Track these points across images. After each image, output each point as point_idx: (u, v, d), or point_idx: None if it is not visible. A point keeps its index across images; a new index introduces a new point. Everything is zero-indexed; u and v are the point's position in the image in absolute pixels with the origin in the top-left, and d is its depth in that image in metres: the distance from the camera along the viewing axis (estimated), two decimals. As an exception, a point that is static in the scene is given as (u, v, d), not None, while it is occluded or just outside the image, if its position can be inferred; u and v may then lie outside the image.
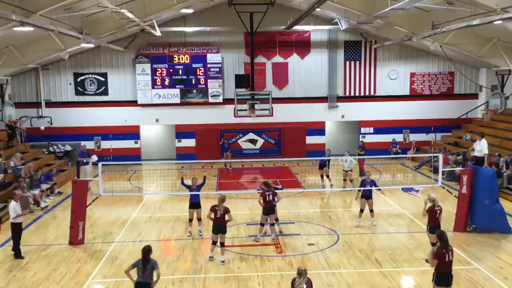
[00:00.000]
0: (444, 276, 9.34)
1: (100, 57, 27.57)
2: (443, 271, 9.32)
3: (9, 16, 13.38)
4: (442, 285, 9.37)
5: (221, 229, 12.63)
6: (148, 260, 9.36)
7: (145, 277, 9.33)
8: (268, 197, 14.11)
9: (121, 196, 19.82)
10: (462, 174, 15.34)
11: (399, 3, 16.97)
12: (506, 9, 15.25)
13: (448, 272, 9.40)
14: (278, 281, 11.56)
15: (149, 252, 9.42)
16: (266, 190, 14.25)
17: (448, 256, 9.29)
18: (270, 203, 14.15)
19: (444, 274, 9.33)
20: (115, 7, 17.18)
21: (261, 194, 14.32)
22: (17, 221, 13.36)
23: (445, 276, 9.36)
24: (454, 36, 22.46)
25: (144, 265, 9.32)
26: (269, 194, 14.15)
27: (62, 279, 11.94)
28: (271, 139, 28.61)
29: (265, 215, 14.20)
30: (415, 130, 28.70)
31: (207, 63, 27.56)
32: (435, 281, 9.39)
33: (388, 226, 15.92)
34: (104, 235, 15.43)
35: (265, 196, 14.13)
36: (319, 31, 27.95)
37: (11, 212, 13.34)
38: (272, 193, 14.21)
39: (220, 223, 12.59)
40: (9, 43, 21.18)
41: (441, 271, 9.33)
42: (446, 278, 9.37)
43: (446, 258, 9.27)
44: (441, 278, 9.34)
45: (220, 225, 12.60)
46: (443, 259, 9.26)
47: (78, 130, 27.50)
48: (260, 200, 14.24)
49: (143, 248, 9.48)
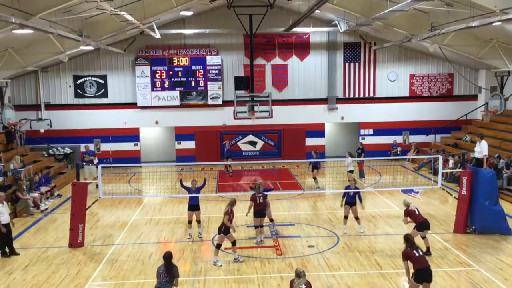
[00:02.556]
0: (422, 272, 9.55)
1: (100, 59, 27.59)
2: (420, 268, 9.56)
3: (9, 19, 13.36)
4: (422, 282, 9.57)
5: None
6: (171, 266, 9.43)
7: (165, 283, 9.35)
8: (259, 200, 14.28)
9: (120, 199, 19.82)
10: (461, 175, 15.33)
11: (398, 5, 17.01)
12: (505, 10, 15.25)
13: (426, 268, 9.63)
14: (278, 283, 11.55)
15: (170, 259, 9.47)
16: (257, 193, 14.38)
17: (417, 252, 9.65)
18: (261, 205, 14.29)
19: (422, 270, 9.55)
20: (114, 10, 17.19)
21: (251, 198, 14.53)
22: (3, 222, 13.58)
23: (424, 272, 9.57)
24: (453, 38, 22.51)
25: (167, 271, 9.37)
26: (260, 196, 14.31)
27: (62, 282, 11.91)
28: (270, 141, 28.62)
29: (257, 217, 14.34)
30: (415, 132, 28.71)
31: (207, 65, 27.58)
32: (415, 279, 9.59)
33: (388, 227, 15.91)
34: (104, 237, 15.41)
35: (255, 199, 14.33)
36: (318, 33, 27.98)
37: None
38: (262, 196, 14.34)
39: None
40: (9, 45, 21.19)
41: (418, 268, 9.56)
42: (426, 274, 9.58)
43: (416, 254, 9.63)
44: (420, 275, 9.55)
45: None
46: (413, 256, 9.61)
47: (78, 133, 27.50)
48: (251, 204, 14.45)
49: (164, 254, 9.55)
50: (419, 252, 9.72)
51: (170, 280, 9.38)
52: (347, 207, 15.10)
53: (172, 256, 9.58)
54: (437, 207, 18.15)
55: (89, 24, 21.15)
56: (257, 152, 28.47)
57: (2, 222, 13.51)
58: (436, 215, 17.02)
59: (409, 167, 26.27)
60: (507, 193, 18.94)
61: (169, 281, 9.37)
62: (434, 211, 17.58)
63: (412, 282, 9.62)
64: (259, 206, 14.28)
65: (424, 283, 9.59)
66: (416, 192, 20.12)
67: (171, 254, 9.58)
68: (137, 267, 12.74)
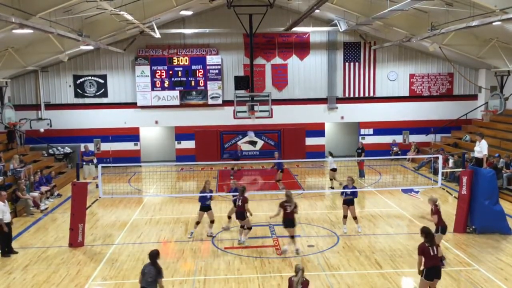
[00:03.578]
0: (433, 270, 9.59)
1: (100, 59, 27.58)
2: (431, 266, 9.57)
3: (9, 19, 13.36)
4: (433, 279, 9.59)
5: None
6: (156, 265, 9.12)
7: (150, 283, 9.02)
8: (238, 202, 14.29)
9: (120, 198, 19.82)
10: (461, 175, 15.33)
11: (398, 4, 17.00)
12: (505, 10, 15.25)
13: (437, 265, 9.67)
14: (278, 283, 11.55)
15: (156, 256, 9.18)
16: (237, 195, 14.46)
17: (432, 251, 9.58)
18: (239, 208, 14.21)
19: (432, 268, 9.59)
20: (114, 9, 17.18)
21: (233, 201, 14.86)
22: (5, 221, 13.61)
23: (434, 269, 9.61)
24: (453, 37, 22.50)
25: (153, 270, 9.05)
26: (239, 199, 14.24)
27: (62, 282, 11.91)
28: (270, 140, 28.62)
29: (237, 219, 14.45)
30: (415, 131, 28.71)
31: (207, 64, 27.57)
32: (425, 277, 9.60)
33: (388, 227, 15.90)
34: (104, 237, 15.41)
35: (234, 201, 14.64)
36: (318, 32, 27.97)
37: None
38: (242, 199, 14.20)
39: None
40: (9, 45, 21.19)
41: (430, 266, 9.57)
42: (436, 271, 9.63)
43: (431, 252, 9.57)
44: (431, 272, 9.58)
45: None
46: (428, 253, 9.56)
47: (78, 132, 27.49)
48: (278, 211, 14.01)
49: (150, 252, 9.32)
50: (435, 251, 9.62)
51: (154, 280, 9.01)
52: (345, 206, 15.11)
53: (159, 254, 9.30)
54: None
55: (89, 24, 21.14)
56: (257, 151, 28.46)
57: (4, 221, 13.53)
58: (436, 214, 17.01)
59: (409, 166, 26.26)
60: (507, 192, 18.94)
61: (154, 281, 9.02)
62: (434, 210, 17.56)
63: (422, 280, 9.66)
64: (239, 209, 14.17)
65: (435, 279, 9.61)
66: (416, 191, 20.13)
67: (158, 252, 9.31)
68: (137, 266, 12.70)
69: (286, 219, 13.33)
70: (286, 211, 13.28)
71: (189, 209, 18.20)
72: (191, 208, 18.05)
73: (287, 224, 13.35)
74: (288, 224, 13.33)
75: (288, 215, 13.27)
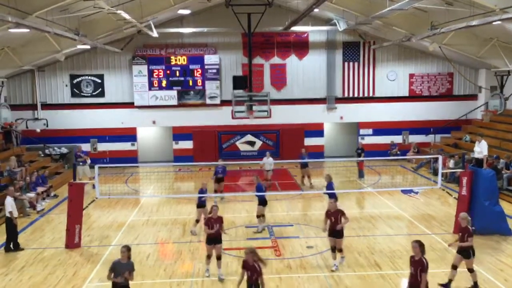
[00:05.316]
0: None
1: (97, 58, 27.42)
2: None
3: (5, 18, 13.28)
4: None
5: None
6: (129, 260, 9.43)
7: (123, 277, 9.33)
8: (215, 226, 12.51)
9: (117, 199, 19.66)
10: (461, 175, 15.22)
11: (397, 4, 16.90)
12: (505, 9, 15.17)
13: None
14: (277, 284, 11.42)
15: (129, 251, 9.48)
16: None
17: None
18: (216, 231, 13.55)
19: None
20: (111, 8, 17.08)
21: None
22: (12, 216, 13.92)
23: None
24: (453, 37, 22.42)
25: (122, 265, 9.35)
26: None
27: (59, 283, 11.79)
28: (269, 140, 28.49)
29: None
30: (414, 132, 28.60)
31: (205, 64, 27.43)
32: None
33: (387, 228, 15.78)
34: (101, 238, 15.27)
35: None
36: (317, 32, 27.84)
37: (8, 207, 13.86)
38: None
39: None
40: (5, 44, 21.06)
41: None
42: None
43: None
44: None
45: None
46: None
47: (74, 133, 27.32)
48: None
49: (125, 246, 9.63)
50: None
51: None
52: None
53: (130, 249, 9.61)
54: (437, 208, 18.03)
55: (86, 23, 21.00)
56: (255, 152, 28.32)
57: (14, 216, 13.92)
58: (436, 215, 16.93)
59: (408, 167, 26.14)
60: (507, 193, 18.84)
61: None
62: (434, 211, 17.48)
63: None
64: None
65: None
66: (416, 192, 20.03)
67: (130, 248, 9.64)
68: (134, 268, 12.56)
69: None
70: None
71: (186, 210, 18.05)
72: (188, 209, 17.90)
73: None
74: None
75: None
